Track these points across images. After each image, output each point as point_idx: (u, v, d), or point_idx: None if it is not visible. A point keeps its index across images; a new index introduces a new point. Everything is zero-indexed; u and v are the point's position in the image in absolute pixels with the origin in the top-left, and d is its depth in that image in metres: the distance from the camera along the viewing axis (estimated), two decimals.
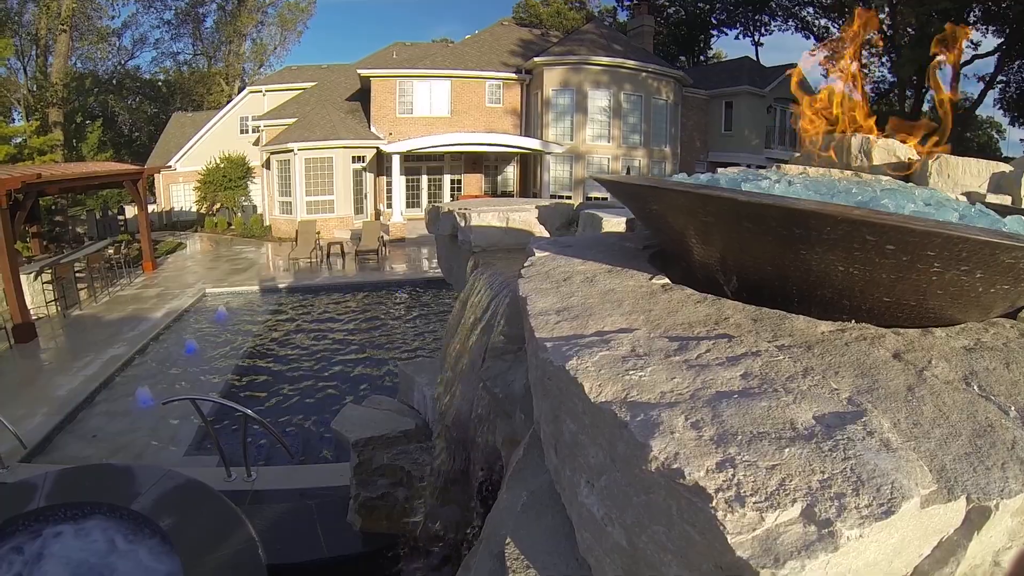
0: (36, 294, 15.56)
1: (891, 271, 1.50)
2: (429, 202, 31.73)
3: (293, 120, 30.16)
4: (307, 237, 22.66)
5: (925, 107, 33.99)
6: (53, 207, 27.12)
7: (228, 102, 39.09)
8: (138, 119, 52.71)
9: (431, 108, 31.08)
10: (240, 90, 41.41)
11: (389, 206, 29.47)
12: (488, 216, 5.20)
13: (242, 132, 34.73)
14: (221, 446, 7.33)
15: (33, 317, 14.28)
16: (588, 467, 1.39)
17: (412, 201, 31.73)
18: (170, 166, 32.19)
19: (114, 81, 50.87)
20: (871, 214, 1.48)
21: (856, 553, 0.93)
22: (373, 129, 30.27)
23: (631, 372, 1.41)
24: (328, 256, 23.02)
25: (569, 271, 2.27)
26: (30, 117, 31.88)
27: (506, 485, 1.87)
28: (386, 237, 23.82)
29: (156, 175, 31.07)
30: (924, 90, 29.09)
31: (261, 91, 35.60)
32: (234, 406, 7.41)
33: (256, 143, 32.80)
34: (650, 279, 2.11)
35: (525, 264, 2.42)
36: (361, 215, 29.70)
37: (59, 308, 15.78)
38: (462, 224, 5.28)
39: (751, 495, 0.98)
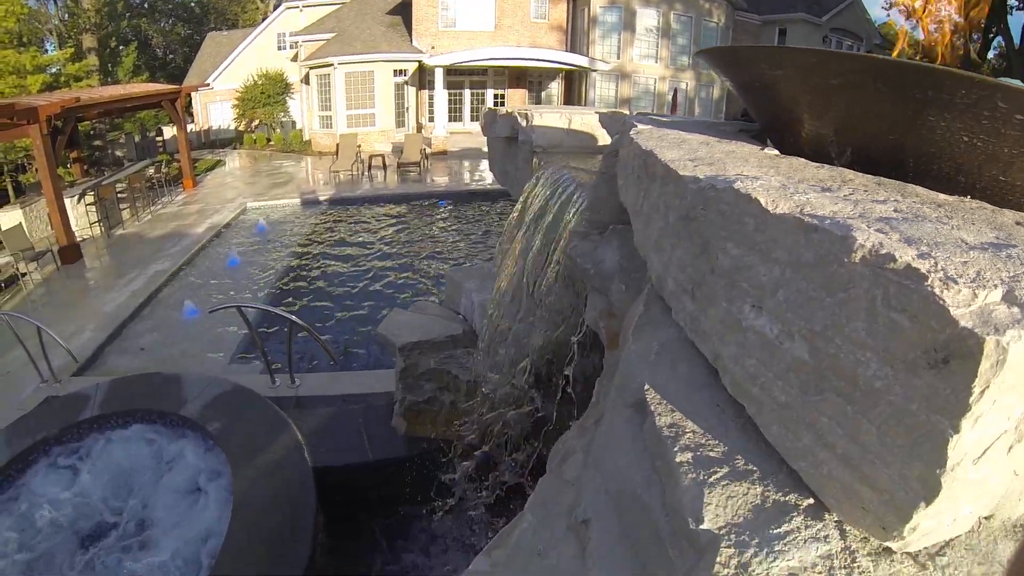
0: (80, 216, 15.90)
1: (1013, 145, 1.51)
2: (475, 114, 31.75)
3: (332, 35, 29.75)
4: (348, 150, 22.60)
5: (991, 54, 32.13)
6: (91, 132, 27.46)
7: (263, 20, 38.64)
8: (172, 41, 52.56)
9: (474, 22, 30.36)
10: (276, 7, 40.79)
11: (431, 120, 29.29)
12: (550, 117, 5.26)
13: (279, 48, 34.43)
14: (265, 353, 7.40)
15: (78, 239, 14.61)
16: (757, 287, 1.41)
17: (454, 115, 31.43)
18: (208, 84, 32.13)
19: (146, 4, 50.58)
20: (1006, 81, 1.49)
21: None
22: (415, 43, 29.66)
23: (796, 195, 1.43)
24: (369, 169, 23.00)
25: (680, 138, 2.32)
26: (63, 46, 31.95)
27: (632, 338, 1.92)
28: (428, 150, 23.66)
29: (193, 94, 31.14)
30: (992, 35, 27.09)
31: (298, 7, 35.01)
32: (279, 312, 7.46)
33: (294, 59, 32.56)
34: (761, 148, 2.15)
35: (631, 132, 2.47)
36: (403, 128, 29.52)
37: (103, 228, 16.11)
38: (523, 124, 5.36)
39: (958, 277, 1.01)
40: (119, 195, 17.50)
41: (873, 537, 1.20)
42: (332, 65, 28.04)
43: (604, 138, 5.15)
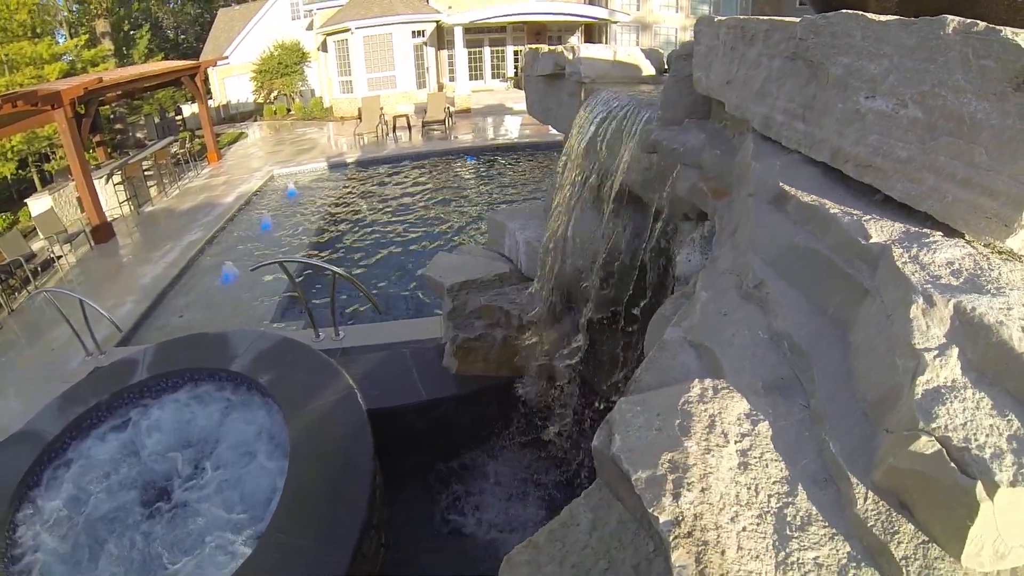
0: (109, 196, 16.07)
1: None
2: (495, 71, 31.78)
3: (346, 0, 29.60)
4: (371, 113, 22.68)
5: None
6: (112, 116, 27.62)
7: None
8: (182, 22, 52.62)
9: None
10: None
11: (452, 79, 29.21)
12: (596, 49, 5.56)
13: (293, 19, 34.24)
14: (309, 307, 7.41)
15: (109, 218, 14.77)
16: (869, 80, 1.87)
17: (475, 74, 31.22)
18: (225, 57, 32.17)
19: None
20: None
21: None
22: (432, 2, 29.50)
23: (889, 19, 1.81)
24: (394, 130, 23.10)
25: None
26: (74, 35, 32.04)
27: (754, 162, 2.40)
28: (452, 108, 23.57)
29: (209, 71, 31.13)
30: None
31: None
32: (322, 264, 7.49)
33: (309, 27, 32.47)
34: None
35: (715, 20, 3.00)
36: (424, 89, 29.40)
37: (132, 206, 16.28)
38: (570, 58, 5.62)
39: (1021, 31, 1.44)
40: (146, 173, 17.71)
41: (997, 239, 1.58)
42: (349, 30, 27.91)
43: (648, 69, 5.52)
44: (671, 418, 1.53)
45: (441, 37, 29.86)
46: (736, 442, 1.46)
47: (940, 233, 1.69)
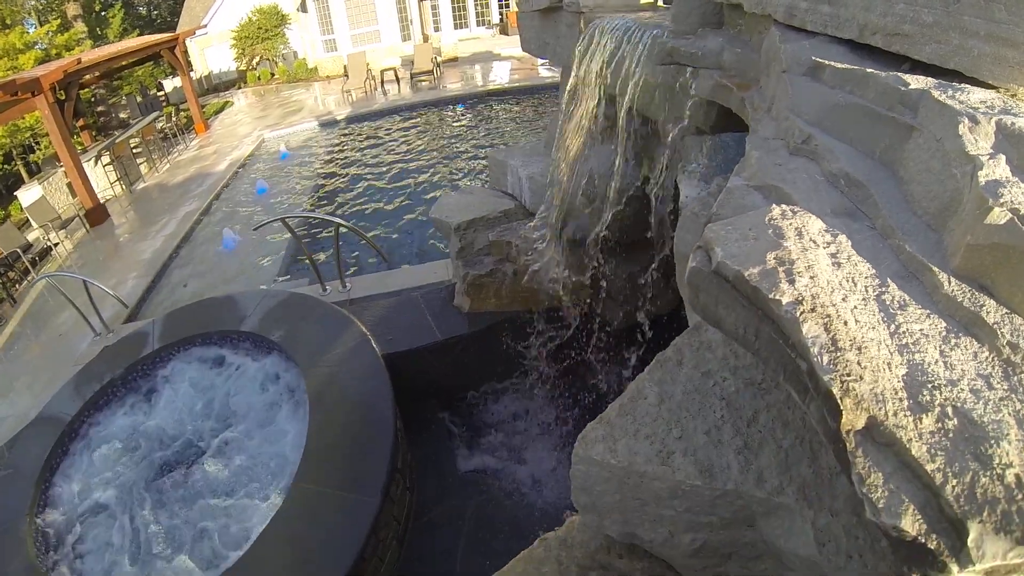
0: (100, 178, 15.93)
1: None
2: (480, 18, 31.33)
3: None
4: (357, 69, 22.49)
5: None
6: (93, 99, 27.38)
7: None
8: None
9: None
10: None
11: (437, 30, 28.83)
12: None
13: None
14: (313, 262, 7.39)
15: (101, 200, 14.68)
16: None
17: (460, 23, 30.76)
18: (203, 26, 31.75)
19: None
20: None
21: None
22: None
23: None
24: (382, 83, 22.87)
25: None
26: (44, 22, 31.73)
27: (781, 46, 2.63)
28: (439, 59, 23.30)
29: (188, 43, 30.79)
30: None
31: None
32: (324, 217, 7.45)
33: None
34: None
35: None
36: (409, 42, 28.92)
37: (124, 185, 16.19)
38: None
39: None
40: (134, 151, 17.59)
41: (1021, 85, 1.80)
42: None
43: None
44: (763, 230, 1.68)
45: None
46: (824, 247, 1.63)
47: (968, 87, 1.84)
